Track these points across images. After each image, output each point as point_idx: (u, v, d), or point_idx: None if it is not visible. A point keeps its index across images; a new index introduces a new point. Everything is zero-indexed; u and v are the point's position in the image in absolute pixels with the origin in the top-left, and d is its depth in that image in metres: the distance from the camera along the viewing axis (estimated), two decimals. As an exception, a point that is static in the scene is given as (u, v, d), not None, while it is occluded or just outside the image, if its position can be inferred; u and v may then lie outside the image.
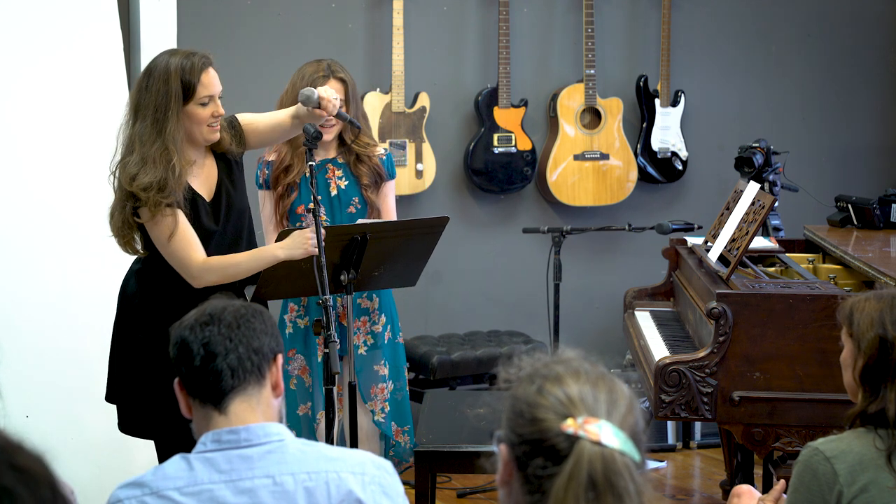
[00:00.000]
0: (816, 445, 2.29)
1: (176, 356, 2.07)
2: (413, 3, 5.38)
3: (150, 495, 1.97)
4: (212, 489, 1.97)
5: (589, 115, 5.63)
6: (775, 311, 3.41)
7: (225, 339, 2.03)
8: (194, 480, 1.97)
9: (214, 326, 2.03)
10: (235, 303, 2.10)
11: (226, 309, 2.06)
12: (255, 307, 2.12)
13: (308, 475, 1.99)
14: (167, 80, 3.27)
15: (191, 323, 2.06)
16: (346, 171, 3.93)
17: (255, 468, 1.98)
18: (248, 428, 2.00)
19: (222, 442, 2.00)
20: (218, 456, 1.99)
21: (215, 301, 2.09)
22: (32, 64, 4.26)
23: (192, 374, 2.04)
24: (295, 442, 2.03)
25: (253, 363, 2.04)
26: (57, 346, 4.20)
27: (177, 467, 2.00)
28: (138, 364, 3.39)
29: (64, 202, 4.23)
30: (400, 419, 4.02)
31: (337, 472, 2.00)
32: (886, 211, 4.59)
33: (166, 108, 3.26)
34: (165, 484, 1.98)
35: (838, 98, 6.07)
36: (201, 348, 2.03)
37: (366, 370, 3.94)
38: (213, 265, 3.33)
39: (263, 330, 2.06)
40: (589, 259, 5.75)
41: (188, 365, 2.04)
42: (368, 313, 3.96)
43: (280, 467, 1.98)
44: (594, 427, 1.45)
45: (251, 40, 5.26)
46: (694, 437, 5.47)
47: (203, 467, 1.99)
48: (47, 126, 4.26)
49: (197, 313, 2.08)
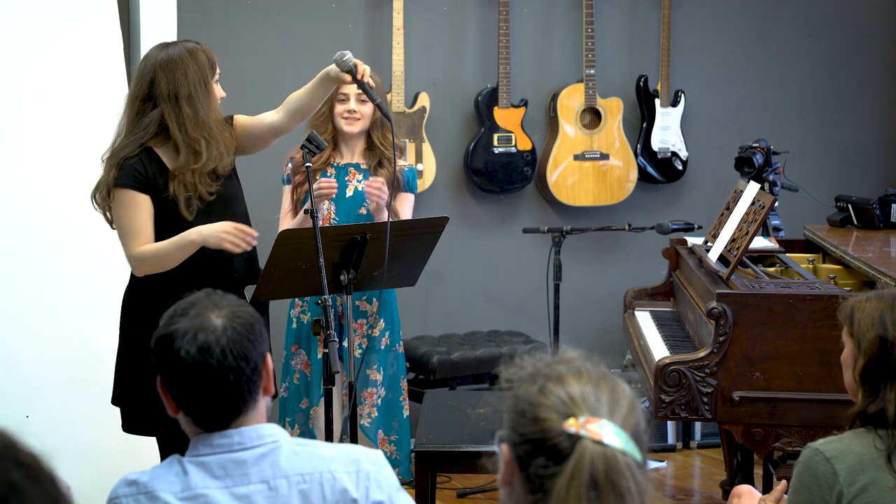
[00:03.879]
0: (816, 446, 2.29)
1: (165, 367, 1.99)
2: (413, 3, 5.38)
3: (145, 494, 1.97)
4: (206, 494, 1.96)
5: (589, 115, 5.63)
6: (775, 311, 3.41)
7: (225, 374, 1.95)
8: (188, 485, 1.96)
9: (212, 358, 1.94)
10: (222, 318, 1.98)
11: (217, 330, 1.96)
12: (242, 313, 2.01)
13: (302, 477, 1.98)
14: (196, 56, 3.30)
15: (184, 344, 1.95)
16: (367, 176, 3.94)
17: (249, 473, 1.97)
18: (241, 431, 1.98)
19: (214, 446, 1.98)
20: (211, 460, 1.97)
21: (203, 318, 1.97)
22: (32, 63, 4.25)
23: (186, 400, 1.98)
24: (289, 443, 2.02)
25: (250, 388, 1.98)
26: (57, 346, 4.19)
27: (170, 471, 1.99)
28: (141, 363, 3.40)
29: (64, 201, 4.23)
30: (388, 428, 4.01)
31: (331, 471, 1.99)
32: (886, 211, 4.59)
33: (205, 83, 3.29)
34: (161, 486, 1.97)
35: (838, 98, 6.06)
36: (199, 380, 1.95)
37: (358, 373, 3.94)
38: (145, 253, 3.30)
39: (254, 339, 1.98)
40: (589, 259, 5.75)
41: (182, 390, 1.98)
42: (366, 316, 3.95)
43: (274, 471, 1.98)
44: (596, 427, 1.45)
45: (251, 40, 5.26)
46: (694, 437, 5.47)
47: (197, 472, 1.97)
48: (47, 125, 4.26)
49: (189, 328, 1.96)
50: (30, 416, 4.06)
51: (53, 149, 4.26)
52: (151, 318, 3.36)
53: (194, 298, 2.02)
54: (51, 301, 4.21)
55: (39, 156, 4.25)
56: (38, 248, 4.21)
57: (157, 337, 2.00)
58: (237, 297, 2.07)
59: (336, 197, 3.90)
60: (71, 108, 4.28)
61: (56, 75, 4.28)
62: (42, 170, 4.24)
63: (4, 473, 1.24)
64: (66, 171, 4.23)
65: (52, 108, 4.26)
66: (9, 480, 1.24)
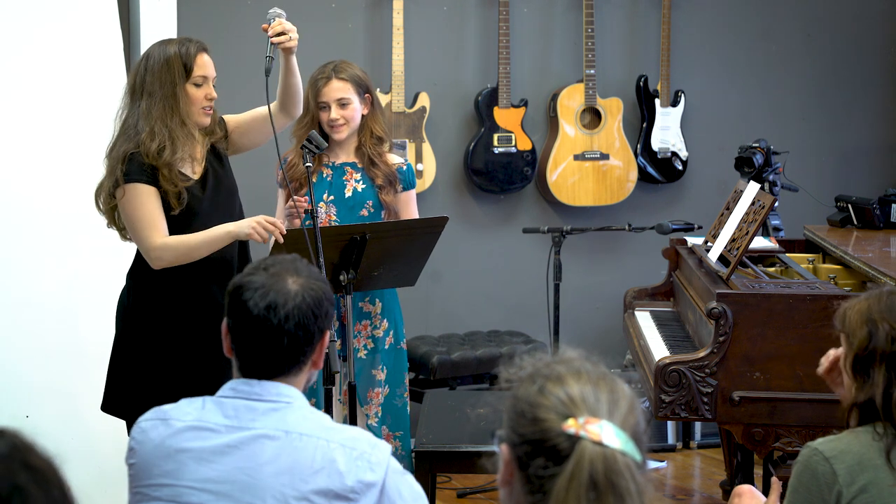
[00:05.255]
0: (815, 446, 2.29)
1: (232, 312, 2.15)
2: (413, 3, 5.38)
3: (161, 420, 2.17)
4: (211, 426, 2.13)
5: (589, 115, 5.63)
6: (775, 311, 3.41)
7: (281, 335, 2.11)
8: (199, 416, 2.14)
9: (274, 317, 2.10)
10: (297, 285, 2.13)
11: (288, 294, 2.11)
12: (315, 287, 2.15)
13: (300, 436, 2.09)
14: (168, 60, 3.37)
15: (254, 297, 2.11)
16: (364, 174, 3.93)
17: (256, 420, 2.11)
18: (262, 384, 2.14)
19: (237, 391, 2.14)
20: (228, 402, 2.14)
21: (279, 279, 2.13)
22: (32, 63, 4.25)
23: (240, 346, 2.15)
24: (302, 408, 2.14)
25: (300, 356, 2.15)
26: (57, 346, 4.19)
27: (192, 404, 2.18)
28: (137, 365, 3.41)
29: (64, 201, 4.22)
30: (392, 424, 4.00)
31: (328, 440, 2.10)
32: (886, 211, 4.59)
33: (174, 84, 3.35)
34: (176, 415, 2.16)
35: (838, 98, 6.06)
36: (256, 334, 2.12)
37: (364, 374, 3.93)
38: (170, 243, 3.36)
39: (318, 313, 2.13)
40: (589, 259, 5.75)
41: (240, 337, 2.15)
42: (370, 317, 3.94)
43: (277, 424, 2.11)
44: (595, 427, 1.45)
45: (251, 40, 5.24)
46: (694, 437, 5.47)
47: (213, 408, 2.14)
48: (47, 125, 4.26)
49: (263, 284, 2.13)
50: (30, 416, 4.05)
51: (53, 149, 4.25)
52: (150, 318, 3.41)
53: (280, 258, 2.19)
54: (51, 301, 4.21)
55: (39, 156, 4.24)
56: (38, 247, 4.21)
57: (234, 284, 2.16)
58: (319, 271, 2.19)
59: (335, 198, 3.90)
60: (71, 108, 4.28)
61: (56, 75, 4.27)
62: (42, 170, 4.24)
63: (11, 474, 1.24)
64: (65, 170, 4.23)
65: (51, 107, 4.26)
66: (14, 482, 1.23)
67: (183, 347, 3.39)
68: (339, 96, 3.87)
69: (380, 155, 3.93)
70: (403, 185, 3.97)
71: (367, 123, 3.94)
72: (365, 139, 3.94)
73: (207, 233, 3.37)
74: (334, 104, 3.88)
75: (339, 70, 3.91)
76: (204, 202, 3.43)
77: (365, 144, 3.93)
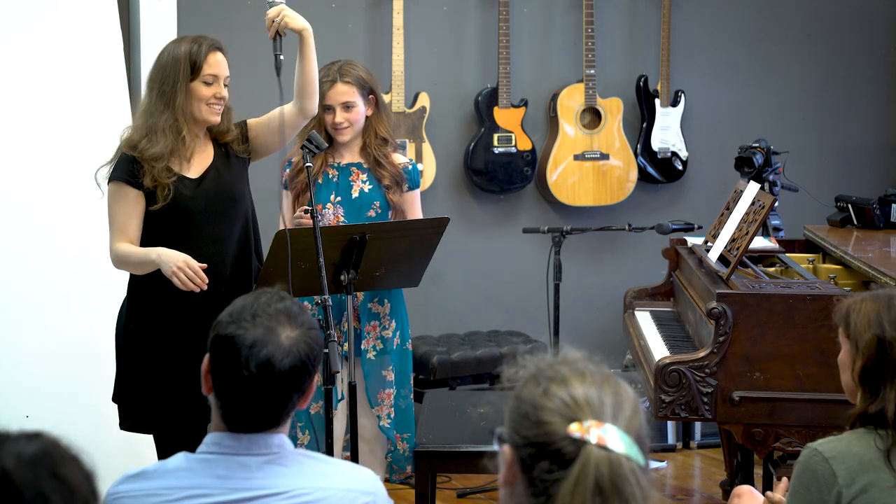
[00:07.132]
0: (815, 446, 2.28)
1: (219, 363, 1.99)
2: (413, 3, 5.38)
3: (149, 493, 1.99)
4: (205, 493, 1.99)
5: (589, 115, 5.63)
6: (775, 311, 3.41)
7: (275, 394, 1.97)
8: (190, 483, 1.99)
9: (268, 376, 1.95)
10: (290, 340, 1.98)
11: (283, 349, 1.96)
12: (308, 339, 2.00)
13: (302, 490, 2.00)
14: (176, 56, 3.38)
15: (246, 354, 1.95)
16: (370, 175, 3.93)
17: (252, 478, 1.99)
18: (251, 438, 2.00)
19: (223, 446, 2.01)
20: (217, 460, 2.00)
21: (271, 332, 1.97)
22: (32, 64, 4.25)
23: (227, 399, 2.00)
24: (293, 453, 2.04)
25: (291, 408, 2.01)
26: (57, 346, 4.19)
27: (178, 465, 2.02)
28: (138, 359, 3.41)
29: (64, 202, 4.23)
30: (401, 426, 4.00)
31: (326, 494, 2.01)
32: (886, 211, 4.59)
33: (174, 81, 3.35)
34: (167, 483, 2.00)
35: (838, 98, 6.06)
36: (249, 391, 1.96)
37: (374, 375, 3.91)
38: (116, 249, 3.39)
39: (311, 366, 1.99)
40: (589, 259, 5.75)
41: (228, 390, 1.99)
42: (379, 318, 3.93)
43: (275, 480, 2.00)
44: (600, 431, 1.44)
45: (251, 40, 5.24)
46: (694, 437, 5.47)
47: (202, 468, 2.00)
48: (48, 126, 4.26)
49: (256, 340, 1.95)
50: (30, 416, 4.05)
51: (53, 149, 4.26)
52: (149, 314, 3.40)
53: (268, 299, 2.01)
54: (51, 301, 4.21)
55: (39, 155, 4.24)
56: (38, 247, 4.21)
57: (221, 335, 1.98)
58: (304, 311, 2.04)
59: (342, 199, 3.89)
60: (71, 108, 4.28)
61: (56, 75, 4.28)
62: (42, 170, 4.24)
63: (38, 480, 1.22)
64: (66, 170, 4.23)
65: (52, 108, 4.26)
66: (39, 489, 1.21)
67: (181, 351, 3.38)
68: (343, 100, 3.86)
69: (385, 156, 3.92)
70: (409, 184, 3.97)
71: (372, 124, 3.93)
72: (370, 140, 3.93)
73: (142, 252, 3.35)
74: (339, 107, 3.88)
75: (344, 73, 3.91)
76: (198, 202, 3.41)
77: (370, 145, 3.93)
